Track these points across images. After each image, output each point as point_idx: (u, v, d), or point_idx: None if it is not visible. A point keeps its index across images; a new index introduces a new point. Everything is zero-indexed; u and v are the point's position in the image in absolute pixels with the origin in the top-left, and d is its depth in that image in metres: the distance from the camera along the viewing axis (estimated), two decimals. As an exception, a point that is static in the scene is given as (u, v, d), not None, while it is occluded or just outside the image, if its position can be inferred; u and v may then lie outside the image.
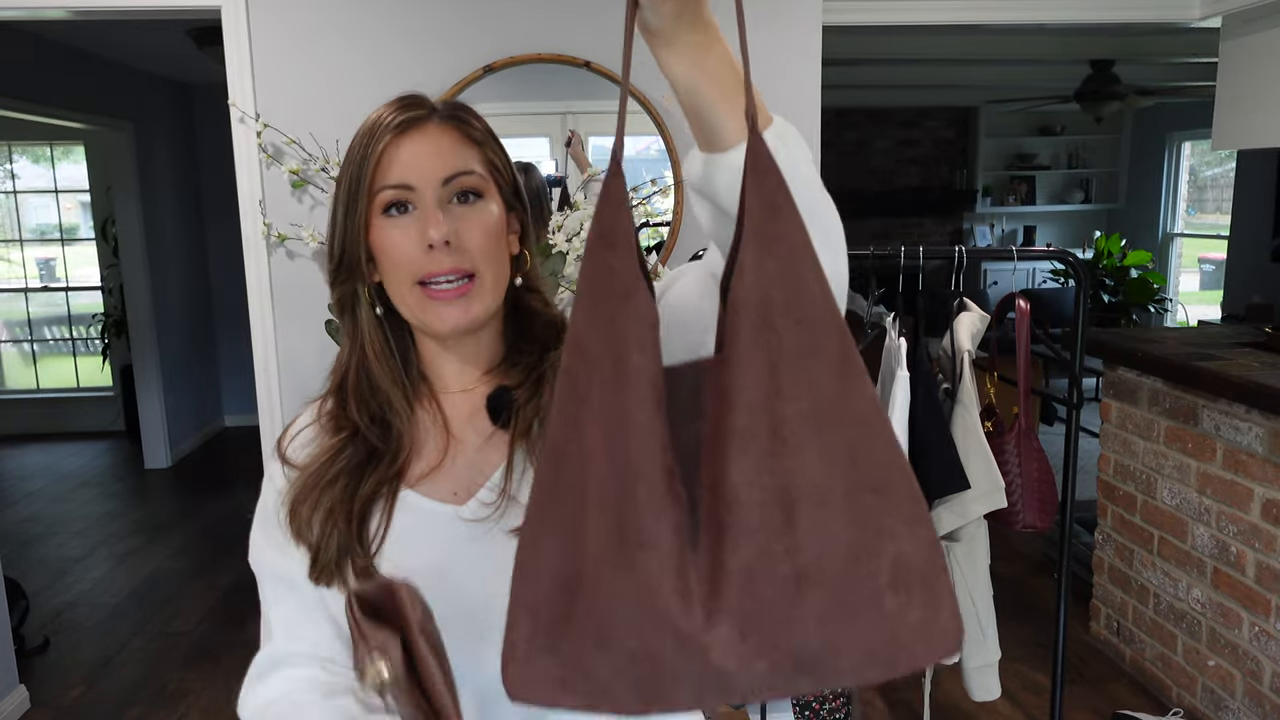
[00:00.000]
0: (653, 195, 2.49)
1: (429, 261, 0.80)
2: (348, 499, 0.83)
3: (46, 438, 6.40)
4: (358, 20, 2.49)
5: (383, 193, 0.81)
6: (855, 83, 6.11)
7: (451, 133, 0.84)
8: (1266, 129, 2.74)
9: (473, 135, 0.85)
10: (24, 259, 6.58)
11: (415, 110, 0.84)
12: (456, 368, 0.89)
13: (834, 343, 0.53)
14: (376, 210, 0.82)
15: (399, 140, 0.82)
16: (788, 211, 0.55)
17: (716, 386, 0.53)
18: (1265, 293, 5.87)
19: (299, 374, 2.55)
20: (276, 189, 2.50)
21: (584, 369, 0.54)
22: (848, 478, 0.51)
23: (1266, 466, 2.45)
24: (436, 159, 0.82)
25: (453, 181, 0.82)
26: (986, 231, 8.23)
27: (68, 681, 3.19)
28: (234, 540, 4.39)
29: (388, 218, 0.82)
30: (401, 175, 0.81)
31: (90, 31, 4.44)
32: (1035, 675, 3.00)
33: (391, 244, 0.81)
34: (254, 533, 0.90)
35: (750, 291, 0.53)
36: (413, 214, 0.81)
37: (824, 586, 0.50)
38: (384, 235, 0.82)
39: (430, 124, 0.84)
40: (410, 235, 0.81)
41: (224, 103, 2.46)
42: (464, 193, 0.82)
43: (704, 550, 0.51)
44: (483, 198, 0.83)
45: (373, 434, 0.85)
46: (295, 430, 0.91)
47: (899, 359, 1.79)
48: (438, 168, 0.82)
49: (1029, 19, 2.87)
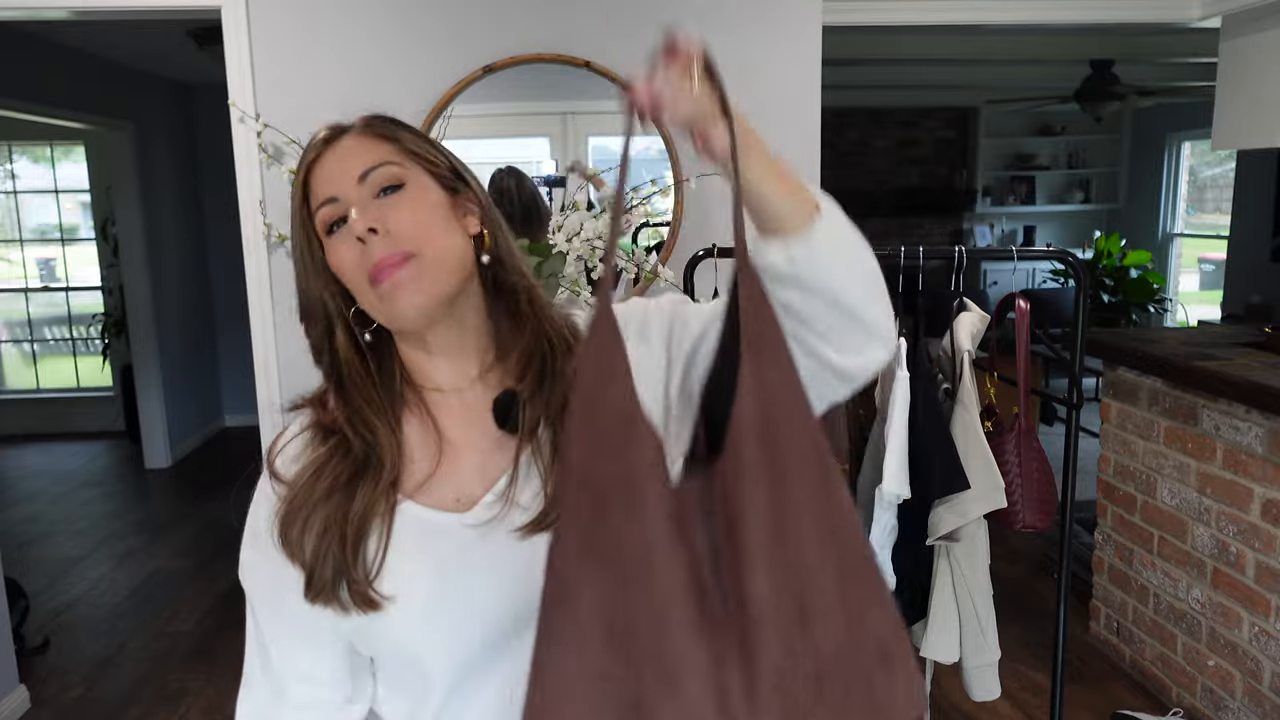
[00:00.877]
0: (653, 195, 2.48)
1: (368, 255, 0.80)
2: (340, 518, 0.80)
3: (47, 438, 6.40)
4: (358, 20, 2.49)
5: (319, 213, 0.83)
6: (855, 83, 6.11)
7: (362, 139, 0.85)
8: (1266, 129, 2.74)
9: (383, 133, 0.86)
10: (24, 259, 6.58)
11: (326, 134, 0.86)
12: (446, 366, 0.87)
13: (821, 445, 0.57)
14: (323, 234, 0.83)
15: (318, 161, 0.84)
16: (774, 321, 0.58)
17: (726, 493, 0.56)
18: (1265, 293, 5.87)
19: (299, 374, 2.55)
20: (276, 189, 2.50)
21: (593, 506, 0.54)
22: (840, 572, 0.56)
23: (1266, 466, 2.45)
24: (350, 163, 0.83)
25: (368, 178, 0.82)
26: (986, 231, 8.22)
27: (68, 681, 3.19)
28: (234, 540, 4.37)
29: (332, 237, 0.83)
30: (324, 190, 0.83)
31: (90, 31, 4.44)
32: (1035, 675, 3.00)
33: (340, 258, 0.82)
34: (244, 550, 0.89)
35: (755, 403, 0.55)
36: (348, 224, 0.82)
37: (837, 678, 0.55)
38: (334, 254, 0.82)
39: (345, 138, 0.85)
40: (349, 241, 0.81)
41: (224, 103, 2.46)
42: (387, 187, 0.82)
43: (736, 664, 0.54)
44: (405, 185, 0.83)
45: (359, 443, 0.83)
46: (284, 441, 0.89)
47: (899, 359, 1.79)
48: (351, 169, 0.82)
49: (1029, 19, 2.87)
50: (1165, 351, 2.81)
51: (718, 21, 2.57)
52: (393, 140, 0.85)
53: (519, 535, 0.80)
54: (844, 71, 5.33)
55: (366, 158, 0.83)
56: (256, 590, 0.88)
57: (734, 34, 2.57)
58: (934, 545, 1.85)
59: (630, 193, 2.50)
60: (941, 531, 1.81)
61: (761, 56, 2.58)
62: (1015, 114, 7.62)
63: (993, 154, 8.09)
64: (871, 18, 2.74)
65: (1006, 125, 7.96)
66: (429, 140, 0.88)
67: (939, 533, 1.81)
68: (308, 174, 0.84)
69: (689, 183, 2.52)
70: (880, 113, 7.90)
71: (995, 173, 8.12)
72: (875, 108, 7.81)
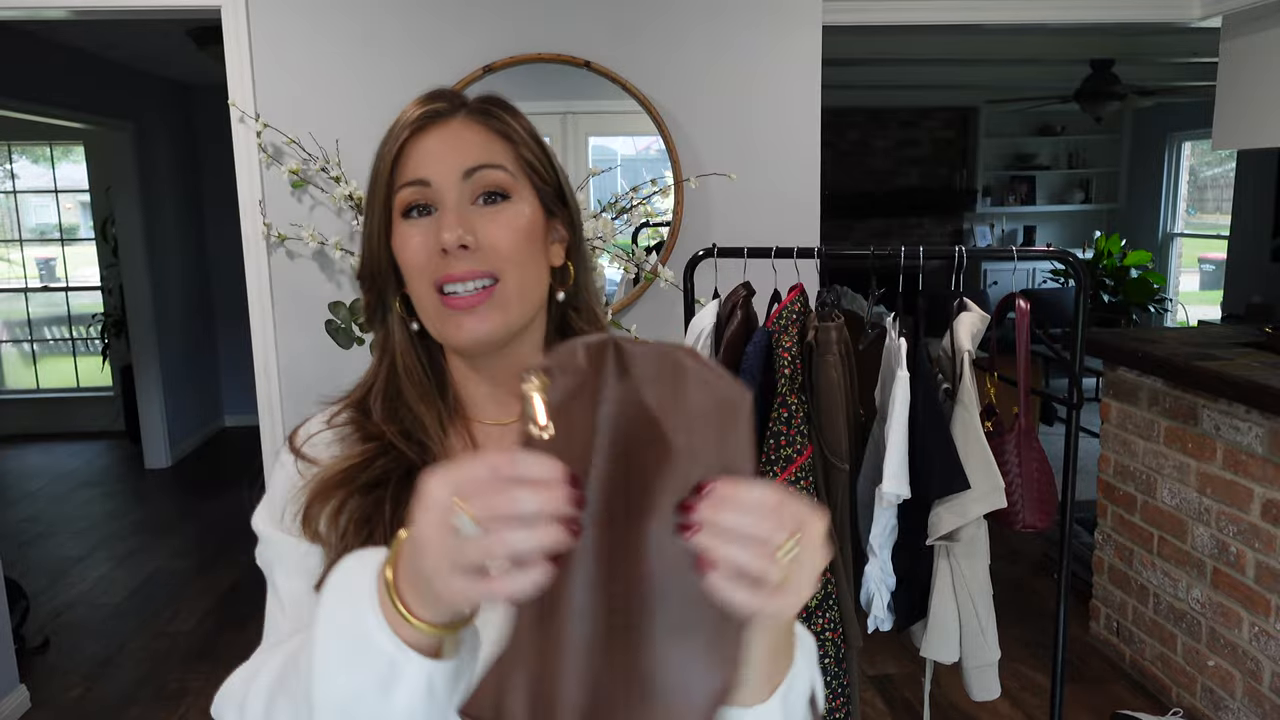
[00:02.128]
0: (653, 195, 2.49)
1: (445, 265, 0.73)
2: (385, 517, 0.73)
3: (46, 438, 6.41)
4: (357, 20, 2.49)
5: (401, 192, 0.75)
6: (855, 83, 6.12)
7: (477, 128, 0.77)
8: (1266, 129, 2.74)
9: (503, 130, 0.77)
10: (24, 259, 6.58)
11: (437, 105, 0.77)
12: (489, 393, 0.80)
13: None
14: (397, 213, 0.76)
15: (419, 137, 0.76)
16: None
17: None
18: (1265, 293, 5.87)
19: (299, 374, 2.55)
20: (276, 189, 2.50)
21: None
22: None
23: (1266, 466, 2.45)
24: (457, 153, 0.75)
25: (474, 176, 0.74)
26: (986, 231, 8.22)
27: (68, 681, 3.19)
28: (234, 540, 4.40)
29: (407, 220, 0.75)
30: (416, 170, 0.75)
31: (90, 31, 4.44)
32: (1035, 675, 3.01)
33: (408, 247, 0.75)
34: (259, 522, 0.80)
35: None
36: (433, 216, 0.75)
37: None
38: (402, 239, 0.75)
39: (455, 119, 0.77)
40: (427, 238, 0.74)
41: (224, 103, 2.46)
42: (490, 193, 0.75)
43: None
44: (511, 198, 0.76)
45: (410, 449, 0.76)
46: (309, 431, 0.82)
47: (899, 359, 1.79)
48: (457, 160, 0.74)
49: (1029, 19, 2.87)
50: (1165, 351, 2.81)
51: (719, 22, 2.57)
52: (510, 141, 0.77)
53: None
54: (844, 71, 5.33)
55: (478, 153, 0.75)
56: (275, 555, 0.78)
57: (734, 34, 2.57)
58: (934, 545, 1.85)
59: (630, 192, 2.50)
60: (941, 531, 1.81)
61: (761, 56, 2.58)
62: (1015, 114, 7.62)
63: (993, 154, 8.09)
64: (871, 18, 2.74)
65: (1006, 125, 7.97)
66: (544, 148, 0.80)
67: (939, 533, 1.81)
68: (405, 142, 0.75)
69: (689, 183, 2.52)
70: (880, 113, 7.89)
71: (995, 173, 8.12)
72: (875, 108, 7.81)
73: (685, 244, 2.59)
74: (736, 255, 1.99)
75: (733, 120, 2.60)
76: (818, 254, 1.93)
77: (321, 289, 2.52)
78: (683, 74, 2.57)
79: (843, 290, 2.09)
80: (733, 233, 2.51)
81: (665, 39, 2.56)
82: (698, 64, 2.58)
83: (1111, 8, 2.87)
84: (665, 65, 2.56)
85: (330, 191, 2.45)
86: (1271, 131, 2.73)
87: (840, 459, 1.81)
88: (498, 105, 0.79)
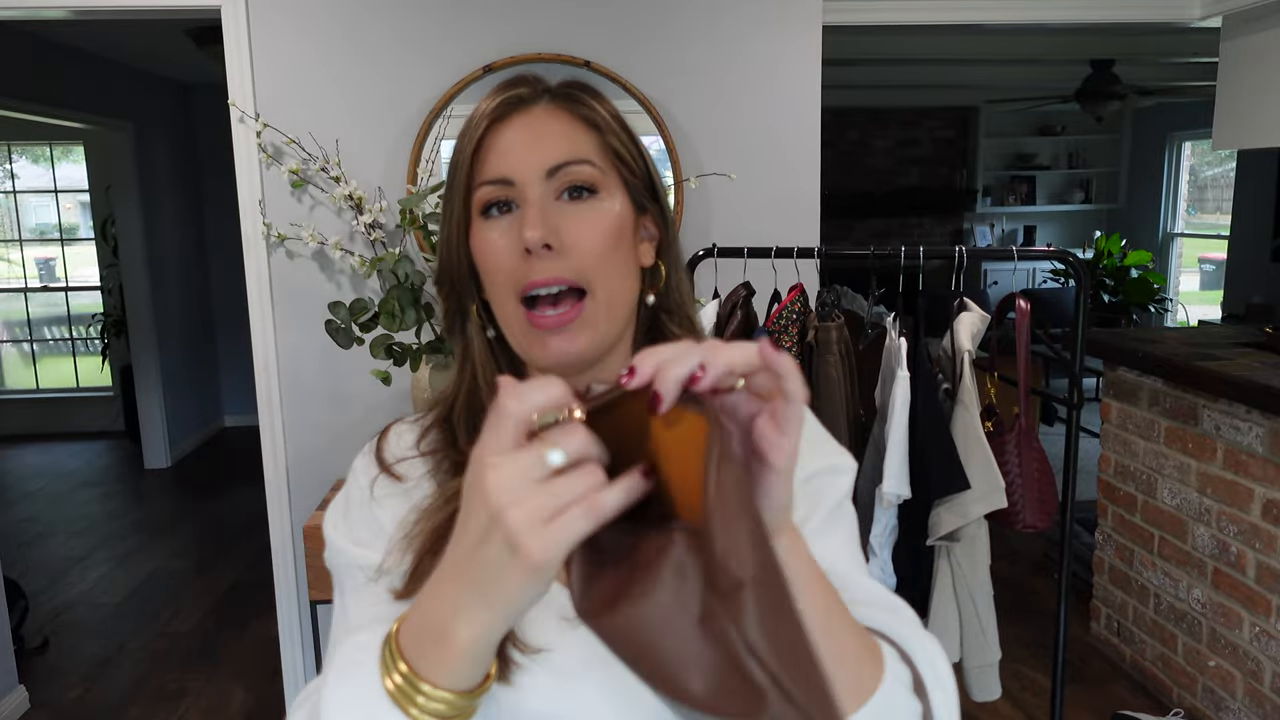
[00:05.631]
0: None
1: (528, 269, 0.67)
2: None
3: (46, 438, 6.41)
4: (358, 20, 2.49)
5: (480, 190, 0.69)
6: (855, 83, 6.11)
7: (561, 116, 0.71)
8: (1266, 129, 2.74)
9: (589, 118, 0.71)
10: (24, 259, 6.59)
11: (518, 90, 0.71)
12: None
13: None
14: (476, 211, 0.70)
15: (498, 128, 0.70)
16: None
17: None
18: (1265, 293, 5.87)
19: (299, 374, 2.55)
20: (276, 189, 2.49)
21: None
22: None
23: (1267, 466, 2.45)
24: (540, 147, 0.69)
25: (560, 173, 0.68)
26: (986, 231, 8.22)
27: (67, 681, 3.19)
28: (234, 540, 4.40)
29: (487, 219, 0.69)
30: (498, 168, 0.69)
31: (90, 31, 4.44)
32: (1035, 675, 3.00)
33: (487, 248, 0.69)
34: (331, 530, 0.74)
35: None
36: (514, 214, 0.69)
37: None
38: (481, 239, 0.69)
39: (537, 107, 0.71)
40: (508, 238, 0.68)
41: (224, 103, 2.46)
42: (576, 187, 0.69)
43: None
44: (598, 193, 0.70)
45: None
46: (400, 448, 0.76)
47: (899, 359, 1.79)
48: (541, 157, 0.68)
49: (1029, 19, 2.87)
50: (1165, 351, 2.81)
51: (719, 22, 2.57)
52: (597, 130, 0.71)
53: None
54: (844, 71, 5.33)
55: (563, 147, 0.69)
56: (344, 564, 0.73)
57: (735, 34, 2.57)
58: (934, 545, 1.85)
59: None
60: (942, 532, 1.81)
61: (762, 56, 2.58)
62: (1015, 114, 7.63)
63: (993, 154, 8.09)
64: (871, 18, 2.74)
65: (1006, 125, 7.97)
66: (633, 136, 0.73)
67: (939, 533, 1.81)
68: (484, 134, 0.69)
69: (689, 182, 2.52)
70: (880, 113, 7.90)
71: (995, 173, 8.12)
72: (875, 108, 7.81)
73: (685, 244, 2.58)
74: (736, 255, 1.99)
75: (733, 120, 2.60)
76: (818, 254, 1.93)
77: (321, 289, 2.52)
78: (683, 74, 2.57)
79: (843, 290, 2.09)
80: (733, 233, 2.51)
81: (665, 39, 2.56)
82: (698, 64, 2.57)
83: (1111, 8, 2.86)
84: (665, 65, 2.56)
85: (330, 191, 2.45)
86: (1271, 131, 2.73)
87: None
88: (583, 89, 0.73)
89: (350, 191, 2.38)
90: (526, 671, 0.67)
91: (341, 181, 2.40)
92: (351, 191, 2.38)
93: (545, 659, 0.68)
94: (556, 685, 0.68)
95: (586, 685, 0.68)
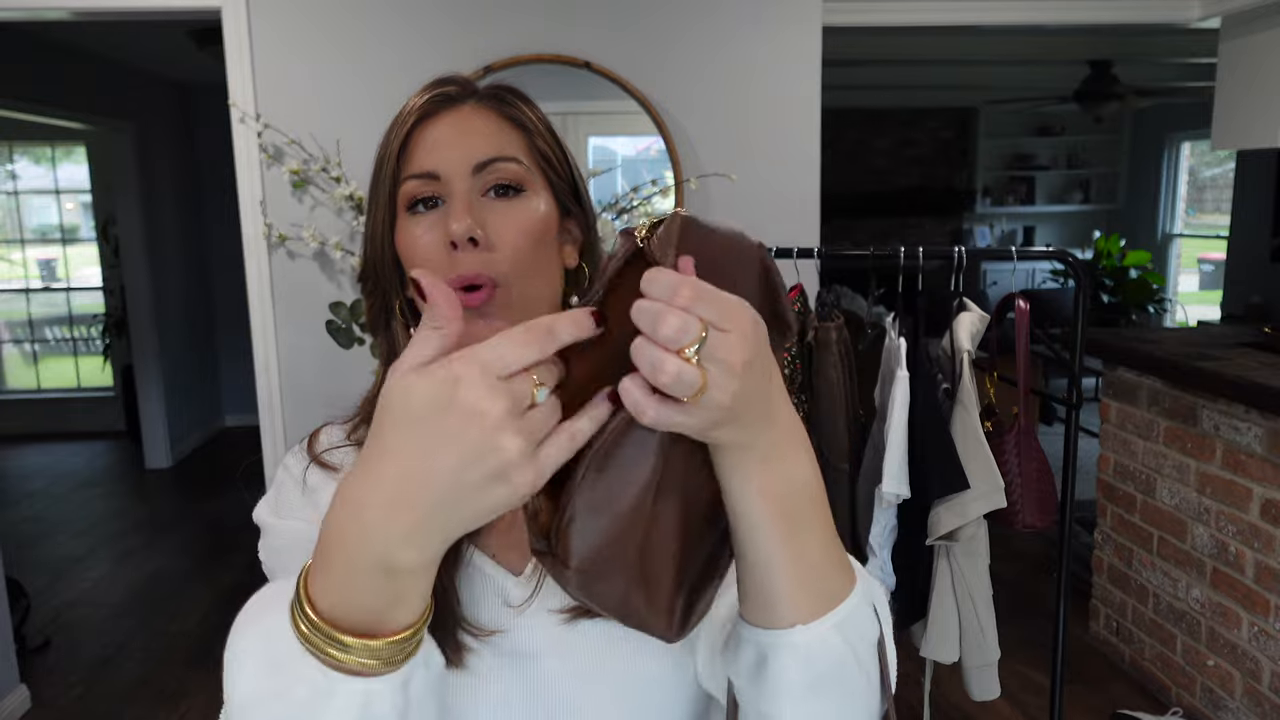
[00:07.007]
0: (653, 196, 2.49)
1: (453, 263, 0.67)
2: None
3: (47, 438, 6.41)
4: (358, 20, 2.49)
5: (406, 184, 0.69)
6: (855, 83, 6.12)
7: (489, 115, 0.71)
8: (1266, 129, 2.75)
9: (516, 118, 0.72)
10: (25, 259, 6.59)
11: (446, 89, 0.72)
12: None
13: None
14: (402, 207, 0.70)
15: (426, 124, 0.70)
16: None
17: None
18: (1265, 293, 5.87)
19: (299, 374, 2.56)
20: (277, 189, 2.50)
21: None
22: None
23: (1266, 466, 2.45)
24: (467, 143, 0.69)
25: (487, 169, 0.69)
26: (986, 232, 8.23)
27: (68, 681, 3.19)
28: (234, 540, 4.40)
29: (413, 215, 0.69)
30: (424, 162, 0.69)
31: (90, 31, 4.45)
32: (1035, 675, 3.01)
33: (412, 243, 0.69)
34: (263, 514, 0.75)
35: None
36: (440, 209, 0.69)
37: None
38: (406, 234, 0.69)
39: (465, 105, 0.71)
40: (434, 233, 0.68)
41: (224, 103, 2.47)
42: (502, 185, 0.69)
43: None
44: (524, 192, 0.70)
45: None
46: (330, 439, 0.77)
47: (899, 359, 1.80)
48: (468, 153, 0.69)
49: (1029, 19, 2.87)
50: (1165, 351, 2.81)
51: (719, 23, 2.57)
52: (525, 130, 0.72)
53: (562, 618, 0.69)
54: (844, 72, 5.33)
55: (491, 143, 0.70)
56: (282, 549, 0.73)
57: (735, 35, 2.58)
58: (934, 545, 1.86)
59: (631, 193, 2.51)
60: (941, 531, 1.81)
61: (761, 56, 2.59)
62: (1015, 114, 7.63)
63: (992, 154, 8.09)
64: (871, 18, 2.74)
65: (1006, 125, 7.97)
66: (559, 141, 0.74)
67: (939, 533, 1.82)
68: (411, 130, 0.70)
69: (689, 183, 2.52)
70: (880, 113, 7.90)
71: (995, 173, 8.12)
72: (875, 108, 7.81)
73: (685, 244, 2.59)
74: (736, 255, 1.98)
75: (733, 120, 2.60)
76: (818, 254, 1.93)
77: (322, 289, 2.52)
78: (683, 74, 2.57)
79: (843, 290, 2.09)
80: (733, 233, 2.51)
81: (666, 39, 2.56)
82: (698, 64, 2.58)
83: (1111, 8, 2.87)
84: (666, 65, 2.57)
85: (331, 191, 2.45)
86: (1271, 131, 2.73)
87: (840, 459, 1.82)
88: (511, 92, 0.74)
89: (351, 192, 2.39)
90: (478, 655, 0.69)
91: (342, 182, 2.40)
92: (352, 192, 2.39)
93: (497, 641, 0.69)
94: (512, 666, 0.69)
95: (542, 664, 0.69)
